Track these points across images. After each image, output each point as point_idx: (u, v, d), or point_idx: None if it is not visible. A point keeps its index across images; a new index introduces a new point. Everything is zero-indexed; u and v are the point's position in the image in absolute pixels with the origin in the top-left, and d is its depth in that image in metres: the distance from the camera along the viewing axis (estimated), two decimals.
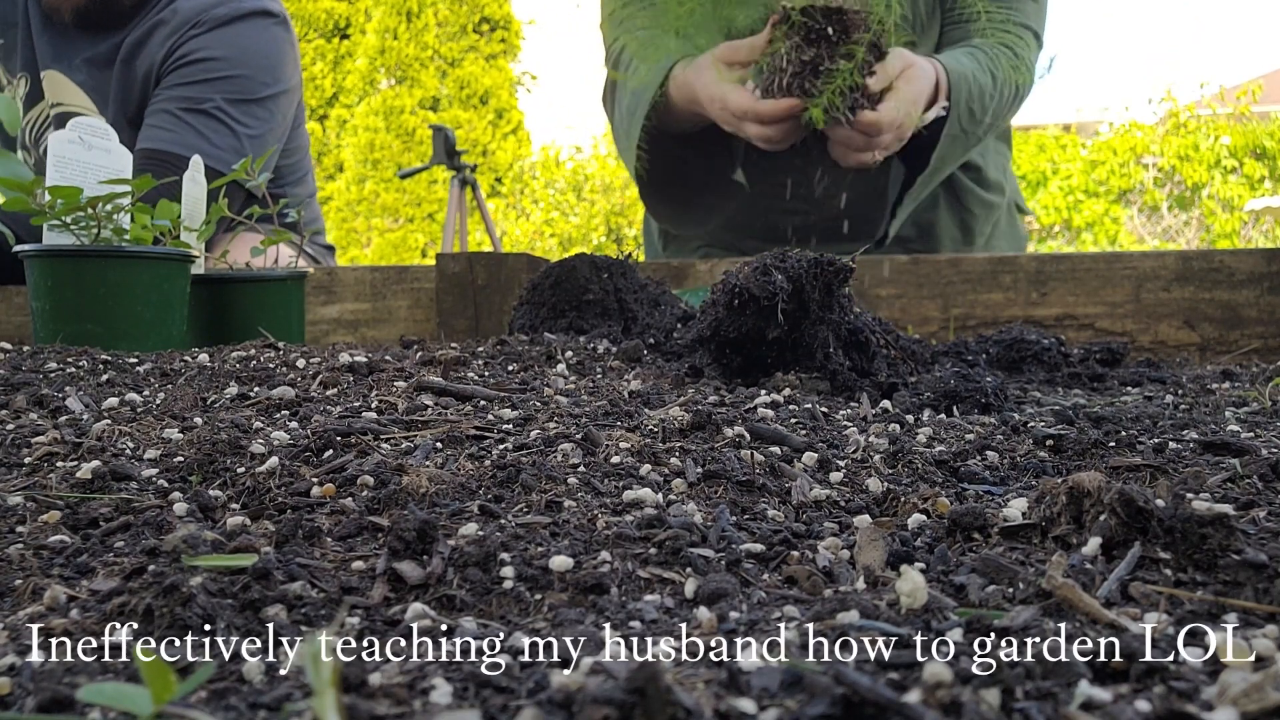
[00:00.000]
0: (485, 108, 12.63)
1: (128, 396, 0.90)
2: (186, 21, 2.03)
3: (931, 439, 0.80)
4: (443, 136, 5.70)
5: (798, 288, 0.98)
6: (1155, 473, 0.68)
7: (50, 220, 1.28)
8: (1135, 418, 0.89)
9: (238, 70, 2.04)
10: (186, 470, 0.69)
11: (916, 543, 0.56)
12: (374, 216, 12.23)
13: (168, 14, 2.04)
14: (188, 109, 1.98)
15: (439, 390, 0.91)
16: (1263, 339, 1.62)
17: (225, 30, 2.05)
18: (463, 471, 0.67)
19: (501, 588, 0.48)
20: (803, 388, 0.96)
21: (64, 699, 0.37)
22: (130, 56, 2.05)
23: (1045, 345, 1.24)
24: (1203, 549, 0.48)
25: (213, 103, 2.00)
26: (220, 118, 2.00)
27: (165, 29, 2.03)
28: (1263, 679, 0.34)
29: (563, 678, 0.35)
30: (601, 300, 1.36)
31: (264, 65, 2.09)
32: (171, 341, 1.31)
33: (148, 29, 2.04)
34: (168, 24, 2.03)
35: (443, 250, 4.74)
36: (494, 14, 12.85)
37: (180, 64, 2.02)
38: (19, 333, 1.75)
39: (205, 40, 2.03)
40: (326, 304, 1.89)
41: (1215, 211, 10.79)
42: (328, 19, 13.53)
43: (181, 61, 2.02)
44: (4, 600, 0.50)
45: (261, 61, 2.08)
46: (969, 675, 0.36)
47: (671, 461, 0.69)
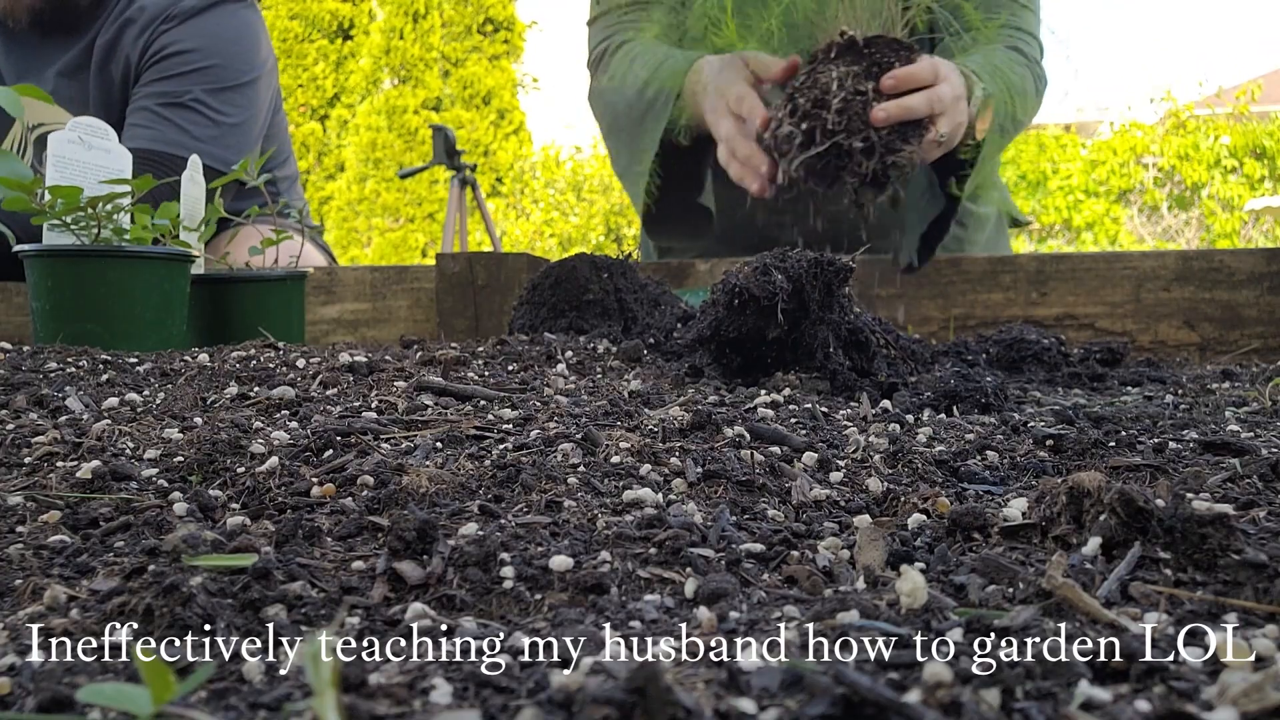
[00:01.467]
0: (488, 108, 12.63)
1: (128, 396, 0.90)
2: (156, 17, 2.00)
3: (931, 439, 0.80)
4: (443, 136, 5.71)
5: (798, 288, 0.98)
6: (1155, 473, 0.68)
7: (50, 220, 1.28)
8: (1135, 418, 0.89)
9: (213, 60, 2.01)
10: (186, 470, 0.69)
11: (916, 543, 0.56)
12: (374, 216, 12.23)
13: (134, 12, 2.01)
14: (166, 104, 1.96)
15: (439, 390, 0.91)
16: (1263, 339, 1.62)
17: (196, 21, 2.02)
18: (463, 471, 0.67)
19: (501, 588, 0.48)
20: (803, 388, 0.96)
21: (64, 699, 0.37)
22: (104, 61, 2.02)
23: (1045, 345, 1.24)
24: (1203, 549, 0.48)
25: (191, 94, 1.97)
26: (199, 109, 1.97)
27: (135, 27, 2.00)
28: (1263, 679, 0.34)
29: (563, 678, 0.35)
30: (601, 300, 1.36)
31: (238, 52, 2.06)
32: (171, 341, 1.31)
33: (116, 30, 2.01)
34: (136, 22, 2.00)
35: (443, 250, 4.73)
36: (498, 15, 12.85)
37: (155, 60, 1.99)
38: (19, 333, 1.75)
39: (177, 34, 2.00)
40: (326, 304, 1.89)
41: (1215, 211, 10.79)
42: (331, 19, 13.53)
43: (156, 57, 1.99)
44: (4, 600, 0.50)
45: (235, 48, 2.06)
46: (969, 675, 0.36)
47: (671, 461, 0.69)
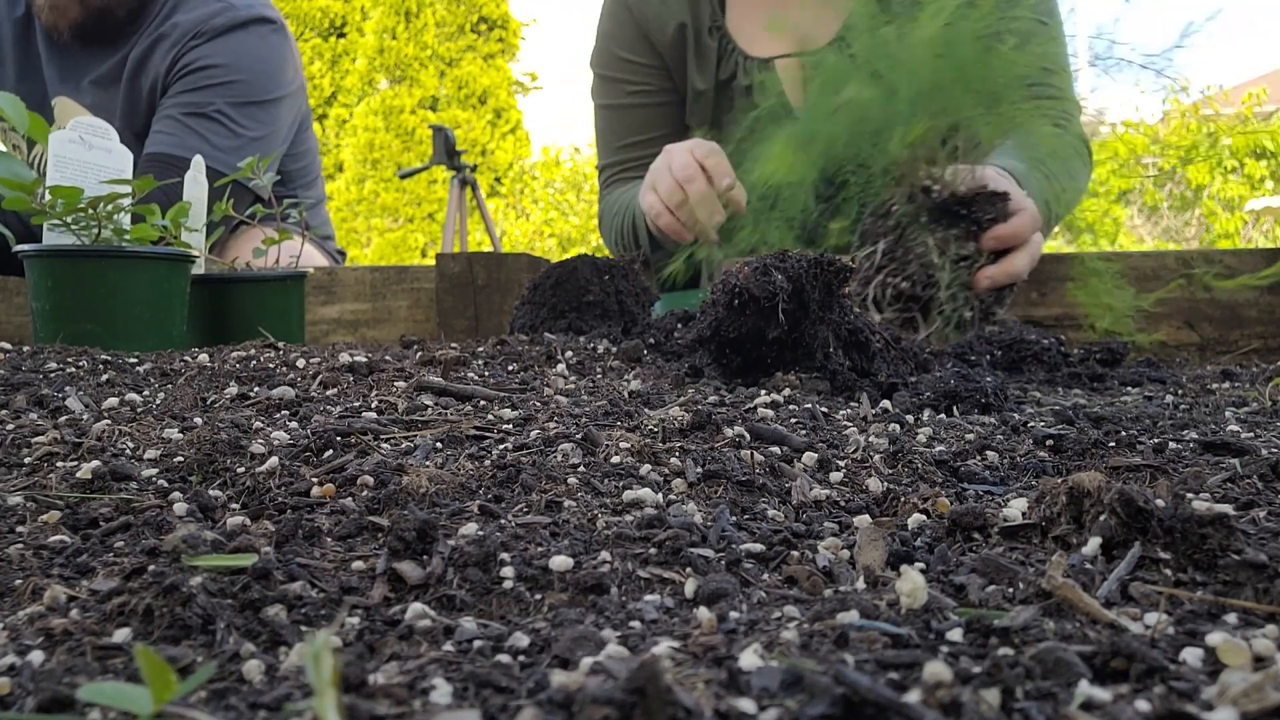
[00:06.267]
0: (484, 107, 12.63)
1: (128, 396, 0.90)
2: (187, 33, 2.08)
3: (931, 439, 0.80)
4: (442, 136, 5.71)
5: (798, 288, 0.98)
6: (1155, 473, 0.68)
7: (50, 220, 1.28)
8: (1135, 418, 0.89)
9: (238, 76, 2.10)
10: (186, 470, 0.69)
11: (916, 543, 0.56)
12: (374, 216, 12.23)
13: (168, 28, 2.09)
14: (190, 114, 2.04)
15: (439, 390, 0.91)
16: (1263, 339, 1.62)
17: (225, 39, 2.10)
18: (463, 471, 0.67)
19: (501, 588, 0.48)
20: (803, 388, 0.96)
21: (64, 699, 0.37)
22: (135, 73, 2.10)
23: (1045, 345, 1.24)
24: (1203, 549, 0.48)
25: (214, 106, 2.05)
26: (221, 120, 2.05)
27: (167, 42, 2.09)
28: (1263, 679, 0.34)
29: (563, 678, 0.35)
30: (602, 301, 1.36)
31: (263, 70, 2.14)
32: (171, 341, 1.31)
33: (149, 44, 2.10)
34: (169, 37, 2.09)
35: (443, 250, 4.73)
36: (491, 13, 12.85)
37: (183, 74, 2.08)
38: (19, 333, 1.75)
39: (206, 49, 2.08)
40: (326, 304, 1.89)
41: (1216, 211, 10.79)
42: (323, 18, 13.53)
43: (184, 71, 2.08)
44: (4, 600, 0.50)
45: (261, 67, 2.14)
46: (969, 675, 0.36)
47: (671, 461, 0.69)
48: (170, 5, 2.12)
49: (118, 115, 2.11)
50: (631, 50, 2.06)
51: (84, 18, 2.07)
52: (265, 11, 2.17)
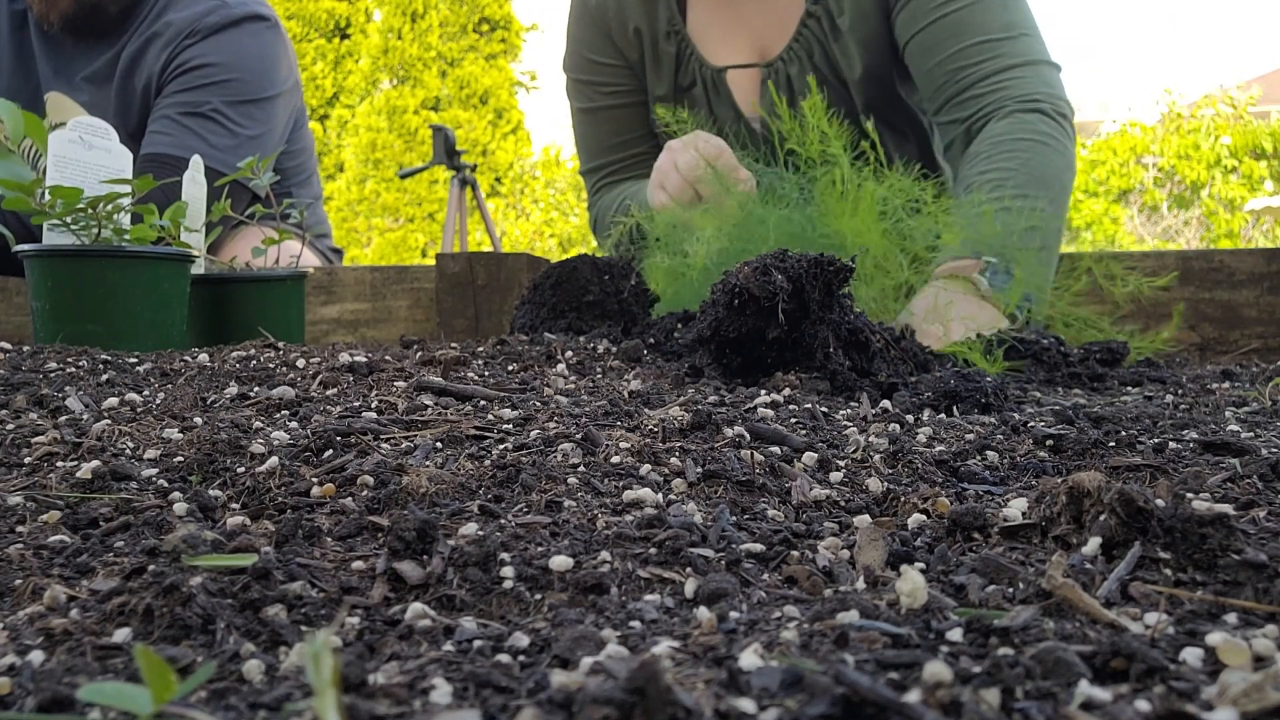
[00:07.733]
0: (485, 107, 12.64)
1: (128, 396, 0.90)
2: (181, 32, 2.07)
3: (931, 439, 0.80)
4: (443, 136, 5.71)
5: (798, 288, 0.98)
6: (1155, 473, 0.68)
7: (50, 220, 1.28)
8: (1135, 418, 0.89)
9: (233, 74, 2.09)
10: (186, 470, 0.69)
11: (916, 543, 0.56)
12: (374, 216, 12.24)
13: (161, 26, 2.08)
14: (186, 113, 2.03)
15: (439, 390, 0.91)
16: (1263, 339, 1.63)
17: (219, 37, 2.09)
18: (463, 471, 0.67)
19: (501, 588, 0.48)
20: (803, 388, 0.96)
21: (64, 699, 0.37)
22: (128, 71, 2.09)
23: (1045, 345, 1.24)
24: (1203, 549, 0.48)
25: (210, 105, 2.04)
26: (218, 119, 2.04)
27: (160, 41, 2.08)
28: (1263, 679, 0.34)
29: (563, 677, 0.35)
30: (602, 301, 1.36)
31: (258, 69, 2.14)
32: (171, 341, 1.31)
33: (143, 42, 2.09)
34: (162, 36, 2.08)
35: (443, 250, 4.73)
36: (494, 14, 12.86)
37: (178, 73, 2.07)
38: (19, 333, 1.75)
39: (201, 48, 2.07)
40: (326, 304, 1.89)
41: (1215, 211, 10.79)
42: (328, 19, 13.54)
43: (179, 70, 2.07)
44: (4, 600, 0.50)
45: (256, 65, 2.13)
46: (969, 675, 0.36)
47: (671, 461, 0.69)
48: (163, 3, 2.11)
49: (112, 113, 2.10)
50: (600, 52, 2.04)
51: (74, 10, 2.06)
52: (258, 8, 2.16)
